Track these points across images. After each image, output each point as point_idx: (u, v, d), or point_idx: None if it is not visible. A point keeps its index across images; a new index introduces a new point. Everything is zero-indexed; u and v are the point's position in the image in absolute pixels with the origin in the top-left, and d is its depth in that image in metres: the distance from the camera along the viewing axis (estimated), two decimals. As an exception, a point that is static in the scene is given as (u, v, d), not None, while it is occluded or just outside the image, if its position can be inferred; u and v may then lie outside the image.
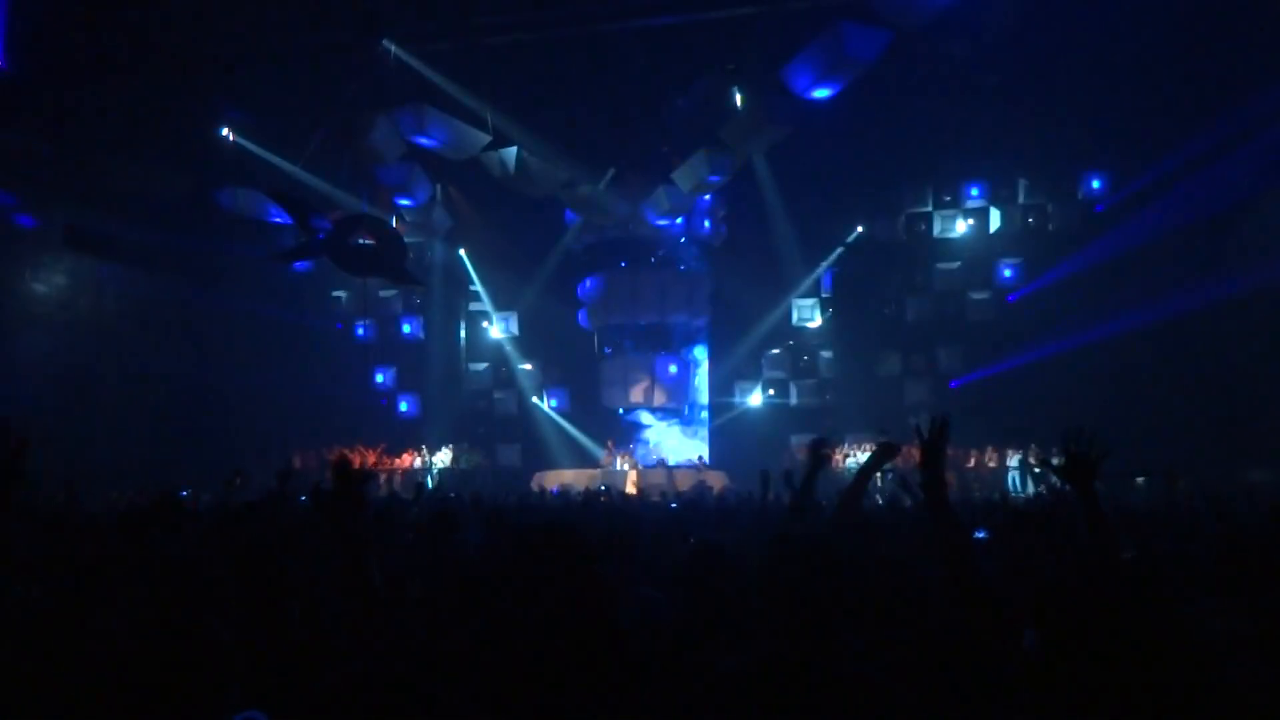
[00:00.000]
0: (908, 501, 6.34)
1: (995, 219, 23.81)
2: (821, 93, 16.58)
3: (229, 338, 23.04)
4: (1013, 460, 21.36)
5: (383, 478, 22.42)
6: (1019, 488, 20.13)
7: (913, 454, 3.13)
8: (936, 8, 14.80)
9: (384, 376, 26.08)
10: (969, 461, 21.70)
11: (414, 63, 18.16)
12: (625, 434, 24.51)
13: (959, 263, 23.97)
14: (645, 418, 24.78)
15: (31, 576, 3.37)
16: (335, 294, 26.15)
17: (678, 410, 24.83)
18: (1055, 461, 3.26)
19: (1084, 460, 2.99)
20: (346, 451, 22.38)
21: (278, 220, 20.92)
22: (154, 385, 22.10)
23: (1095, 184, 22.52)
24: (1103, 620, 1.76)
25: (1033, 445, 20.66)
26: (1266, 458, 17.83)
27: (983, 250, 23.76)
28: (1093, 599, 1.83)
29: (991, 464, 21.64)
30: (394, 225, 21.63)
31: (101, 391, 21.58)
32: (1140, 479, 19.03)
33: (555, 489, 20.29)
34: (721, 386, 25.24)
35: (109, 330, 21.88)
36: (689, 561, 3.42)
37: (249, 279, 23.16)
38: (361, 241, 19.90)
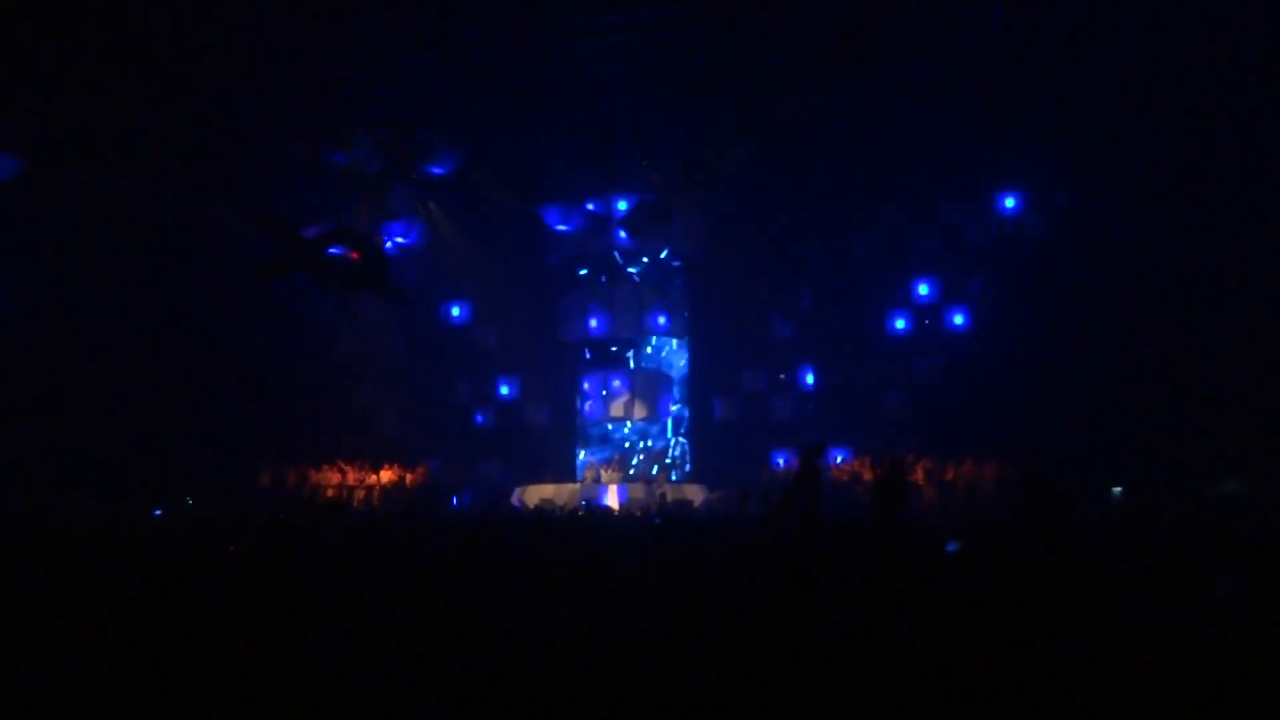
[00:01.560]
0: None
1: (972, 234, 24.05)
2: None
3: (206, 349, 22.91)
4: None
5: (361, 494, 22.35)
6: None
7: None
8: None
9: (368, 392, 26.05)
10: (948, 474, 21.85)
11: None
12: (606, 447, 24.54)
13: (936, 277, 24.20)
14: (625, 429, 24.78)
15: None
16: (315, 307, 26.05)
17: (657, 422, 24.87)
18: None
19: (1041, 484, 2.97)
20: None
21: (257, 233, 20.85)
22: (130, 398, 21.95)
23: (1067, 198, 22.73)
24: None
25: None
26: (1238, 469, 18.07)
27: (958, 265, 23.99)
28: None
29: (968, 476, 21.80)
30: (375, 239, 21.61)
31: (80, 403, 21.40)
32: (1117, 489, 19.31)
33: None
34: (701, 399, 25.31)
35: (88, 341, 21.73)
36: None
37: (229, 292, 23.05)
38: (342, 255, 19.88)
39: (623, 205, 22.63)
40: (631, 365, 24.35)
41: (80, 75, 17.73)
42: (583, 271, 24.46)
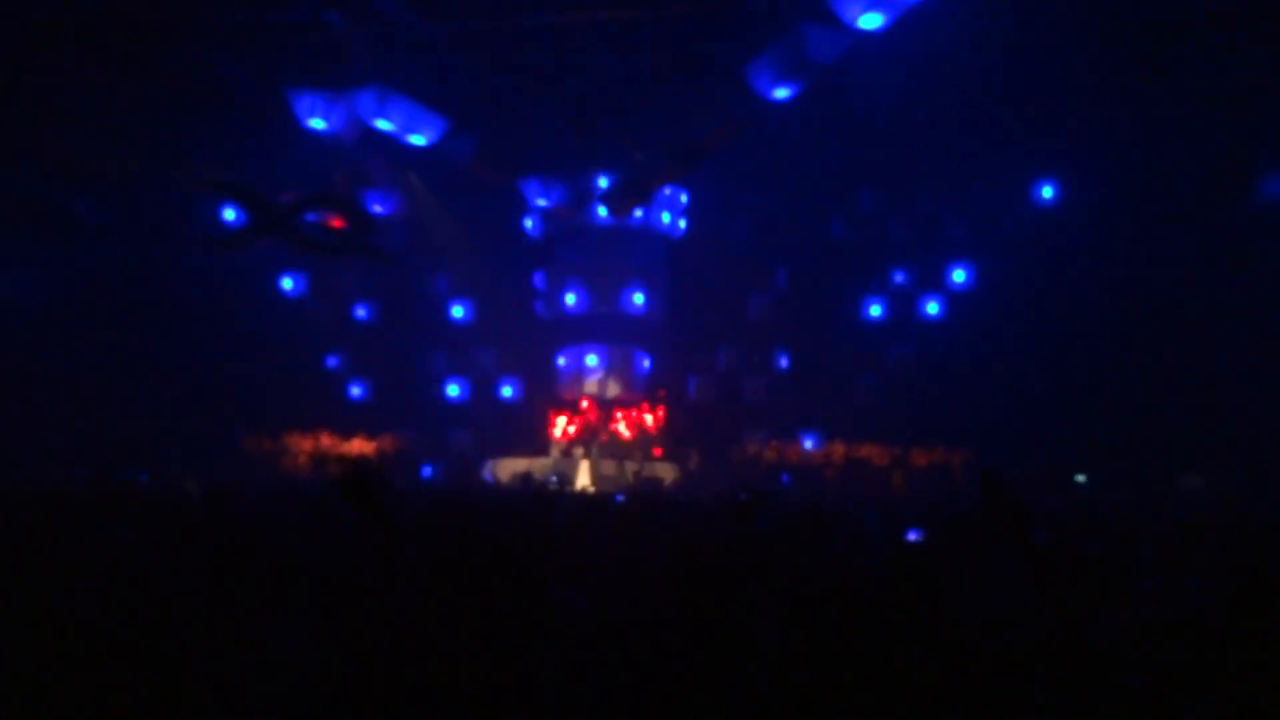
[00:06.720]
0: None
1: (950, 220, 24.22)
2: (782, 93, 16.73)
3: (178, 315, 22.60)
4: None
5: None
6: None
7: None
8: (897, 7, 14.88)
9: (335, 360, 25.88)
10: (922, 461, 22.12)
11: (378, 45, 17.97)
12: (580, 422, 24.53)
13: (914, 263, 24.35)
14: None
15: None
16: (288, 274, 25.78)
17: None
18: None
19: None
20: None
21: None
22: (100, 361, 21.64)
23: (1047, 189, 22.84)
24: None
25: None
26: (1201, 464, 18.43)
27: (937, 251, 24.15)
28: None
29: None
30: (358, 201, 21.31)
31: (47, 366, 21.07)
32: (1081, 477, 19.65)
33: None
34: (675, 378, 25.36)
35: (54, 304, 21.39)
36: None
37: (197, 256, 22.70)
38: (319, 221, 19.63)
39: (604, 182, 22.55)
40: (608, 341, 24.33)
41: (51, 35, 17.33)
42: (562, 245, 24.42)
